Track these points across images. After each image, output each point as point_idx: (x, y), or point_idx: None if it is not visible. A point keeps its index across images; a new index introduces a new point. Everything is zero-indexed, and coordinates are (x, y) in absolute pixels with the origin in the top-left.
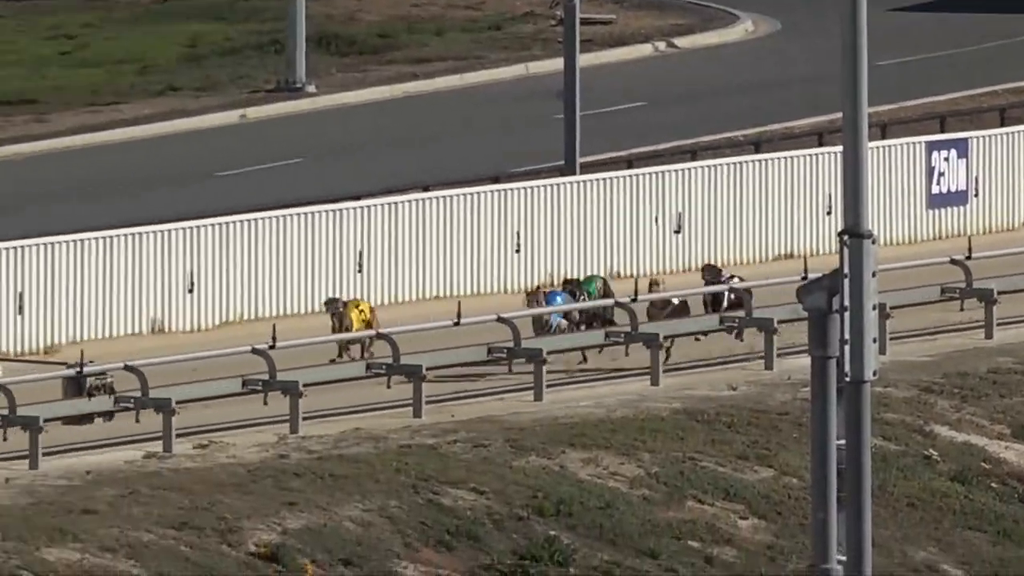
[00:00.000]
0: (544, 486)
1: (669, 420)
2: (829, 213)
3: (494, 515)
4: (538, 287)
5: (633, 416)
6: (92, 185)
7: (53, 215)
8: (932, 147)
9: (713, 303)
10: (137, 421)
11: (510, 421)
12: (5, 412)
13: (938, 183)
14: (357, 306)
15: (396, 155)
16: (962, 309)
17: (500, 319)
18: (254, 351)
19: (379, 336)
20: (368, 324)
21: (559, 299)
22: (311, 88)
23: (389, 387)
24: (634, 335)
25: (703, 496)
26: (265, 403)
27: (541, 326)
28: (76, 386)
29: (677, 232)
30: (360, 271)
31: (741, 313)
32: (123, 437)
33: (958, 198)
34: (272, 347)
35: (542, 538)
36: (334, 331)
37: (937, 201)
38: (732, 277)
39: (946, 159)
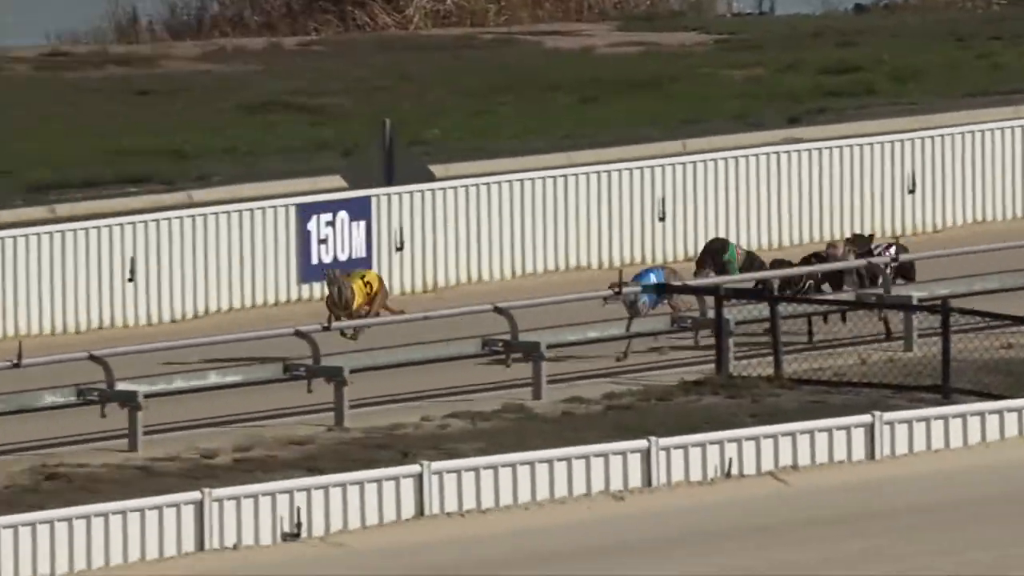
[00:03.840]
0: None
1: None
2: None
3: None
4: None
5: None
6: None
7: None
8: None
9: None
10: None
11: None
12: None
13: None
14: (362, 277)
15: None
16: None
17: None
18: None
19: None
20: (371, 297)
21: (652, 276)
22: None
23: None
24: None
25: None
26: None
27: (631, 308)
28: None
29: None
30: None
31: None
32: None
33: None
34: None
35: None
36: (329, 303)
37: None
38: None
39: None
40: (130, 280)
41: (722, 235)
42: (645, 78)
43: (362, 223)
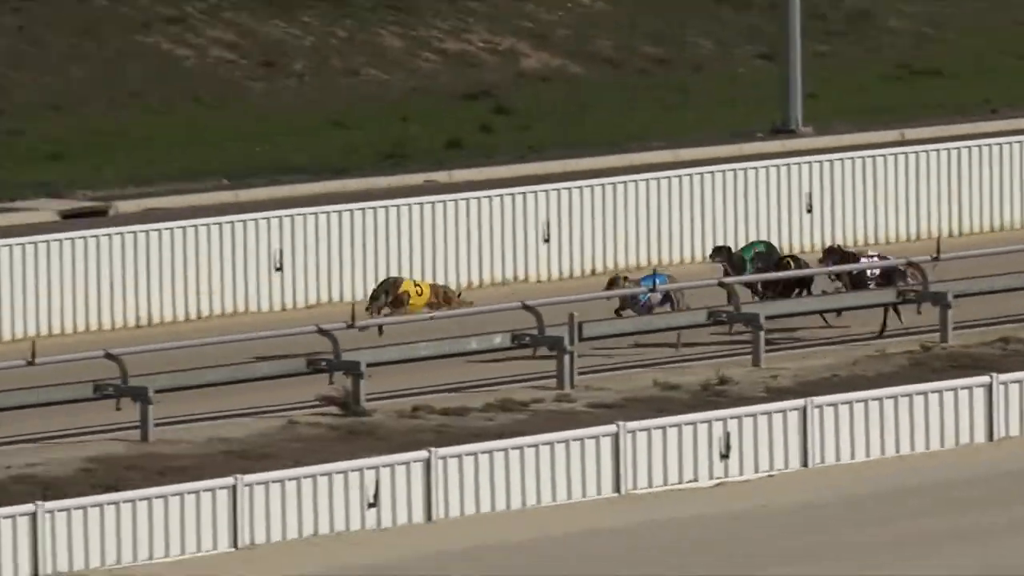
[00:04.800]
0: None
1: None
2: None
3: None
4: (616, 277)
5: None
6: None
7: None
8: None
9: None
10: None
11: None
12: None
13: None
14: (416, 284)
15: None
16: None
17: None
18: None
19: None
20: (431, 304)
21: (657, 281)
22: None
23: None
24: None
25: None
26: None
27: (633, 303)
28: None
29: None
30: None
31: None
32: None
33: None
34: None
35: None
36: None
37: None
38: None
39: None
40: None
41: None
42: None
43: None
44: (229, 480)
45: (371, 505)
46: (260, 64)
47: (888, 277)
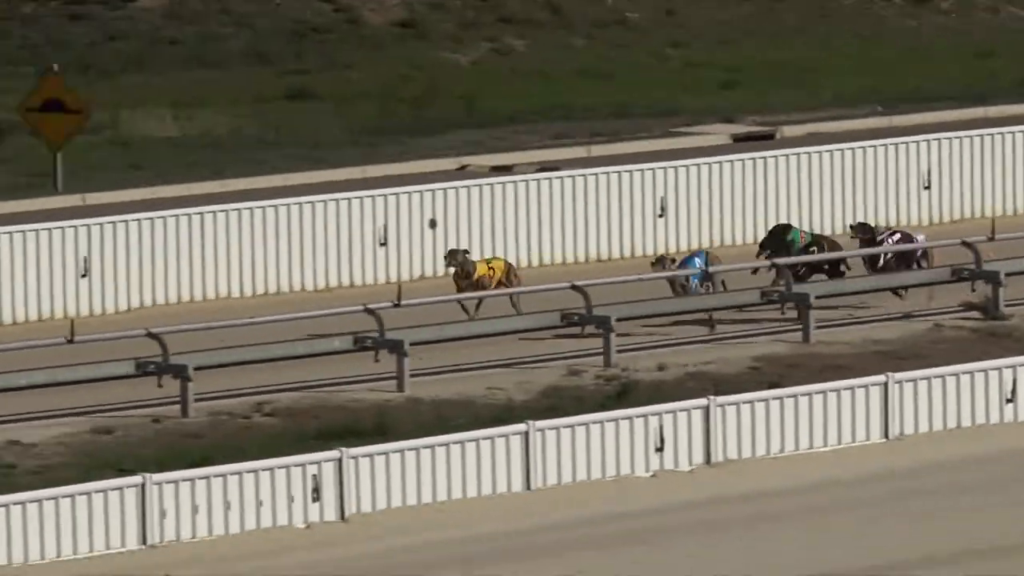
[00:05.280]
0: None
1: None
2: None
3: None
4: (662, 256)
5: None
6: None
7: None
8: None
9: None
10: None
11: None
12: None
13: None
14: (488, 262)
15: None
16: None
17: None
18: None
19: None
20: (500, 282)
21: (697, 261)
22: None
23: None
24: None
25: None
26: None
27: (680, 289)
28: None
29: None
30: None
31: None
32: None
33: None
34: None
35: None
36: (458, 289)
37: None
38: (894, 233)
39: None
40: None
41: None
42: None
43: None
44: (881, 377)
45: (1008, 401)
46: (911, 3)
47: (906, 259)
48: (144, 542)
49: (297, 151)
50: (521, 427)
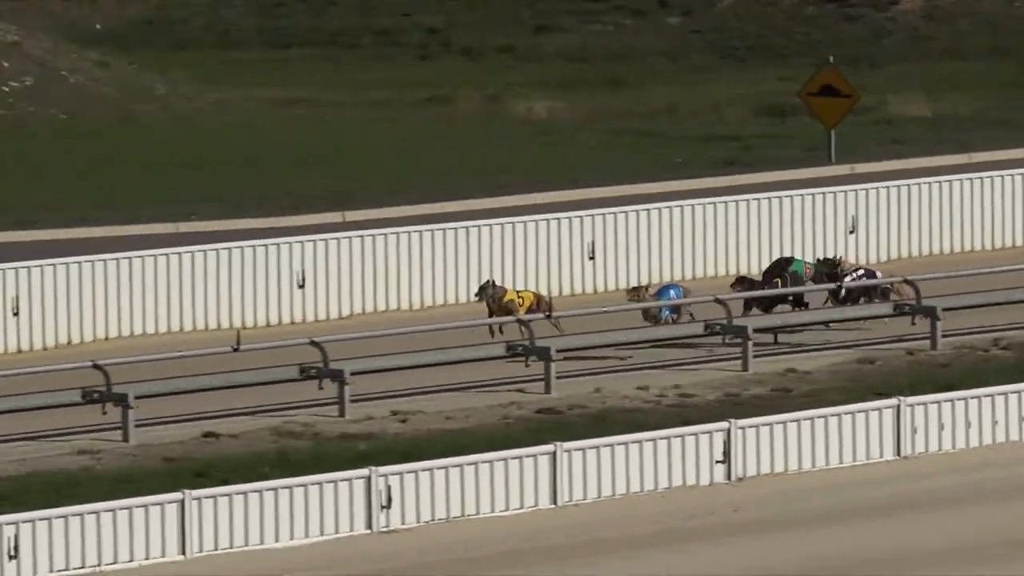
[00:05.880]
0: None
1: None
2: None
3: None
4: (637, 286)
5: None
6: None
7: None
8: None
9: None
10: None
11: None
12: None
13: None
14: (518, 294)
15: None
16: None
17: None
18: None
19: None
20: (529, 309)
21: (672, 293)
22: None
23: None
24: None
25: None
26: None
27: (652, 319)
28: None
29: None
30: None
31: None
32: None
33: None
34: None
35: None
36: (490, 314)
37: None
38: (857, 269)
39: None
40: None
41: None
42: None
43: None
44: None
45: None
46: None
47: (868, 294)
48: (898, 454)
49: None
50: None
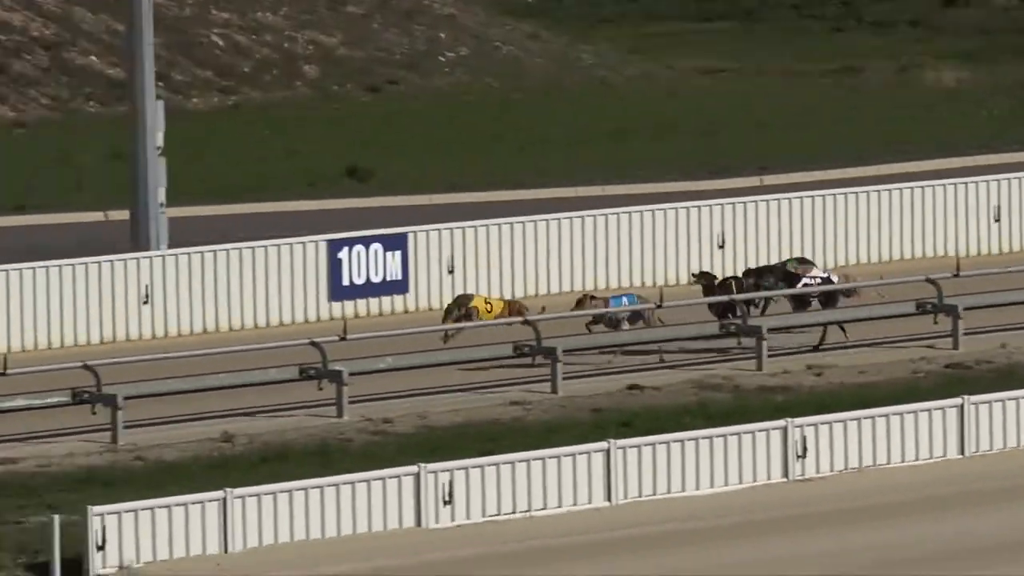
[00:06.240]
0: None
1: None
2: None
3: None
4: (585, 295)
5: None
6: None
7: None
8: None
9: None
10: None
11: None
12: None
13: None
14: (486, 300)
15: None
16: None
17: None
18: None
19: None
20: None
21: (624, 300)
22: None
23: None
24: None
25: None
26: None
27: (611, 325)
28: None
29: None
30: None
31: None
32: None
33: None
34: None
35: None
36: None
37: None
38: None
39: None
40: None
41: None
42: None
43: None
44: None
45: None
46: None
47: (831, 297)
48: None
49: None
50: None
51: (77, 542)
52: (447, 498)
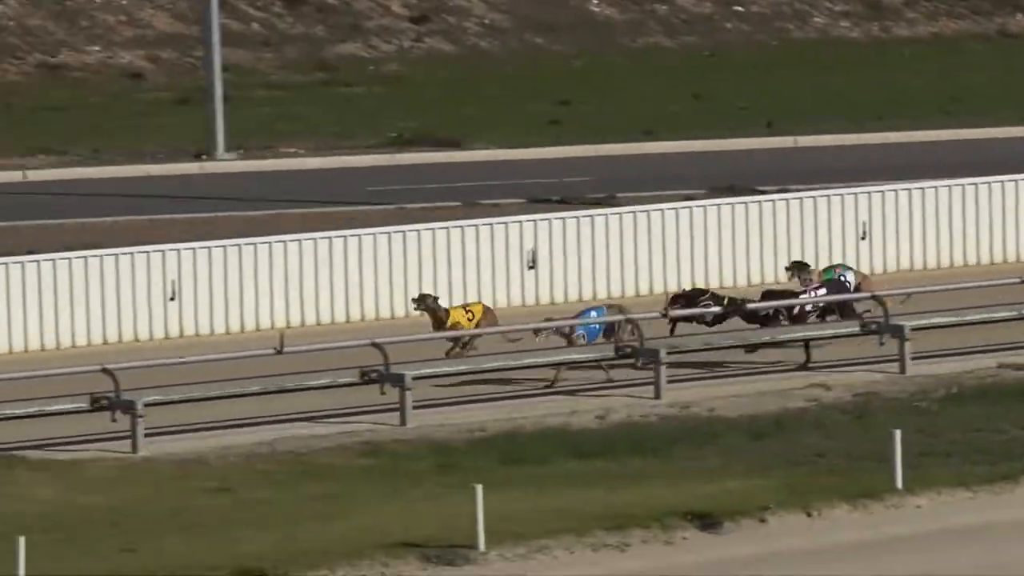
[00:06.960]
0: None
1: None
2: None
3: None
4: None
5: None
6: None
7: None
8: None
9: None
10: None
11: None
12: None
13: None
14: (466, 308)
15: None
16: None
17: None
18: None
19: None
20: (478, 325)
21: (593, 314)
22: None
23: None
24: None
25: None
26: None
27: (569, 339)
28: None
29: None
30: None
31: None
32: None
33: None
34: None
35: None
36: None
37: None
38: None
39: None
40: None
41: None
42: None
43: None
44: None
45: None
46: None
47: (829, 309)
48: None
49: None
50: None
51: None
52: None
